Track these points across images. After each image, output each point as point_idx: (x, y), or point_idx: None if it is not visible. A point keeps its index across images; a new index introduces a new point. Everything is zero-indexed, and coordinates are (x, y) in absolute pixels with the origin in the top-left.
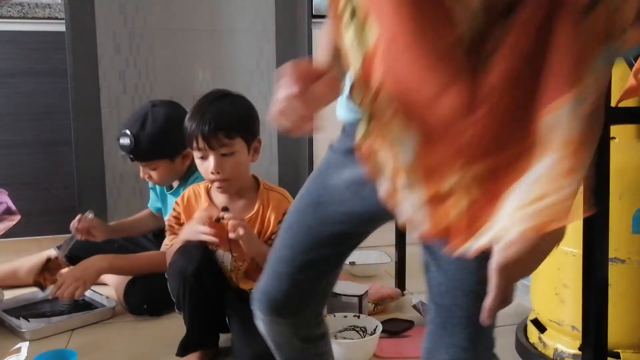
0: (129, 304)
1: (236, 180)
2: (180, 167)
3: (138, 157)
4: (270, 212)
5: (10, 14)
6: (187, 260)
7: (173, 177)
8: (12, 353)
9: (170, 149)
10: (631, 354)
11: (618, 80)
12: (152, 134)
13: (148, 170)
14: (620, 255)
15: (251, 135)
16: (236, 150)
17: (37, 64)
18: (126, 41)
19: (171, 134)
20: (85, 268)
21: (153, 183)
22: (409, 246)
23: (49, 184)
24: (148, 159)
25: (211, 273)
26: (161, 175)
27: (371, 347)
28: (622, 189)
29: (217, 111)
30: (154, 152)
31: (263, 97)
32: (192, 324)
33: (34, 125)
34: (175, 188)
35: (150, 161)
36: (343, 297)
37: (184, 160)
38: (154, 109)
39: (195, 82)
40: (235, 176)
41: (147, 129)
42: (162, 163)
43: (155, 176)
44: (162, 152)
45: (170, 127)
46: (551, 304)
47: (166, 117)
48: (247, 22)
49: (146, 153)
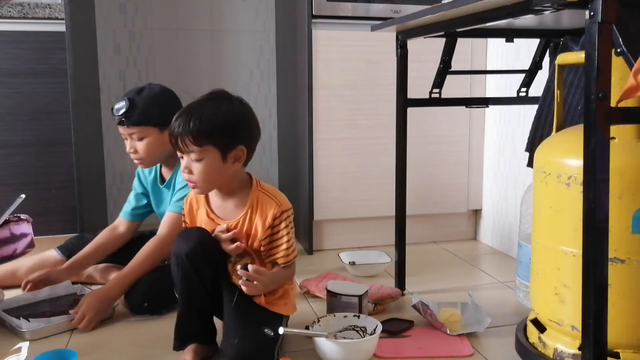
0: (130, 303)
1: (209, 184)
2: (167, 144)
3: (130, 120)
4: (258, 216)
5: (10, 14)
6: (185, 241)
7: (159, 154)
8: (13, 353)
9: (162, 117)
10: (631, 353)
11: (618, 80)
12: (147, 98)
13: (135, 143)
14: (620, 255)
15: (228, 144)
16: (205, 157)
17: (37, 64)
18: (126, 41)
19: (165, 103)
20: (103, 301)
21: (136, 160)
22: (409, 246)
23: (49, 184)
24: (139, 123)
25: (208, 259)
26: (148, 147)
27: (371, 347)
28: (622, 189)
29: (195, 115)
30: (145, 116)
31: (263, 97)
32: (183, 308)
33: (34, 125)
34: (168, 180)
35: (140, 126)
36: (343, 297)
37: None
38: (151, 85)
39: (195, 82)
40: (205, 181)
41: (142, 94)
42: (151, 132)
43: (141, 149)
44: (154, 118)
45: (165, 96)
46: (551, 304)
47: (163, 89)
48: (247, 22)
49: (138, 116)
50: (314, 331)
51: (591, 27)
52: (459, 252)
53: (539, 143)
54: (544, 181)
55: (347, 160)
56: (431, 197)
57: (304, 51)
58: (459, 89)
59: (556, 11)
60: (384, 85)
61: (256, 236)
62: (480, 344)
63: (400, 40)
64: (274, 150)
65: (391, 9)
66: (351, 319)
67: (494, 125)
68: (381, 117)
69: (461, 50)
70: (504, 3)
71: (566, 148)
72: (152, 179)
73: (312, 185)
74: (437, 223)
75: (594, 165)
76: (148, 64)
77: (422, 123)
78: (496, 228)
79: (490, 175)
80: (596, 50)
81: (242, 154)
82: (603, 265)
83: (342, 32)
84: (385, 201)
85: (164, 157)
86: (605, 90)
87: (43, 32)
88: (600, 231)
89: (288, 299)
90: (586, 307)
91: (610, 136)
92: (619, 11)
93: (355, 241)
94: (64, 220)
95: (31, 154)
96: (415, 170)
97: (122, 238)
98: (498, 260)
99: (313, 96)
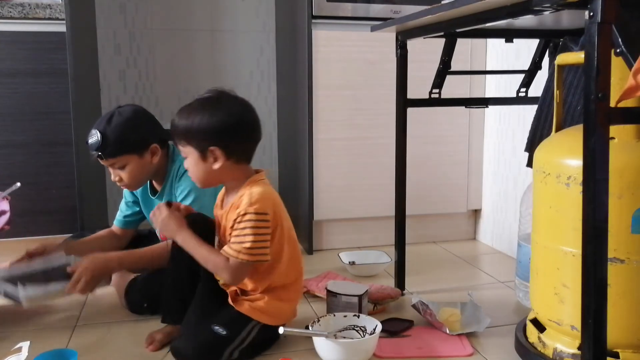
0: (130, 303)
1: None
2: (149, 165)
3: (106, 153)
4: (233, 212)
5: (11, 15)
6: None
7: (144, 176)
8: (13, 353)
9: (137, 143)
10: (630, 353)
11: (618, 80)
12: (118, 126)
13: (118, 172)
14: (620, 255)
15: (203, 145)
16: (188, 155)
17: (37, 64)
18: (126, 41)
19: (137, 126)
20: (100, 267)
21: (123, 186)
22: (409, 246)
23: (49, 184)
24: (116, 154)
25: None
26: (132, 173)
27: (371, 347)
28: (621, 189)
29: (177, 118)
30: (121, 146)
31: (263, 97)
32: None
33: (34, 125)
34: (160, 191)
35: (118, 156)
36: (343, 297)
37: (152, 156)
38: (120, 108)
39: (195, 82)
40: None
41: (112, 123)
42: (131, 159)
43: (125, 176)
44: (129, 146)
45: (136, 120)
46: (550, 304)
47: (133, 111)
48: (247, 22)
49: (114, 148)
50: (314, 331)
51: (591, 28)
52: (459, 252)
53: (539, 143)
54: (544, 181)
55: (347, 160)
56: (431, 197)
57: (304, 51)
58: (459, 89)
59: (556, 11)
60: (383, 85)
61: (226, 230)
62: (480, 344)
63: (400, 40)
64: (274, 150)
65: (391, 9)
66: (351, 318)
67: (494, 125)
68: (381, 117)
69: (461, 50)
70: (503, 3)
71: (566, 148)
72: (142, 190)
73: (312, 185)
74: (437, 223)
75: (593, 165)
76: (148, 64)
77: (422, 123)
78: (496, 228)
79: (489, 175)
80: (596, 50)
81: (219, 155)
82: (602, 265)
83: (342, 32)
84: (385, 201)
85: (150, 176)
86: (604, 90)
87: (43, 33)
88: (599, 231)
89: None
90: (586, 307)
91: (610, 136)
92: (618, 11)
93: (355, 241)
94: (64, 220)
95: (31, 154)
96: (415, 170)
97: (118, 242)
98: (498, 260)
99: (313, 96)
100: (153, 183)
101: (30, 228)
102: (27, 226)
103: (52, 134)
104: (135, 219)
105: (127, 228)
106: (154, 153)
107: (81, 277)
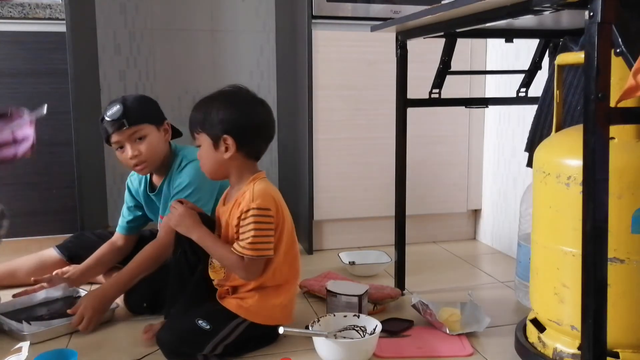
0: (129, 303)
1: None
2: (163, 143)
3: (130, 120)
4: (236, 209)
5: (11, 15)
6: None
7: (158, 155)
8: (13, 353)
9: (156, 113)
10: (630, 353)
11: (618, 80)
12: (136, 98)
13: (136, 145)
14: (620, 255)
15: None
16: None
17: (37, 65)
18: (126, 41)
19: (152, 101)
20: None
21: (140, 164)
22: (409, 246)
23: (49, 184)
24: (138, 121)
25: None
26: (150, 145)
27: (371, 347)
28: (621, 189)
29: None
30: (143, 113)
31: (263, 97)
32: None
33: (34, 125)
34: (158, 188)
35: (140, 124)
36: (343, 297)
37: (165, 134)
38: (125, 95)
39: (195, 82)
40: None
41: (129, 98)
42: (150, 130)
43: (144, 149)
44: (150, 114)
45: (148, 97)
46: (550, 304)
47: (140, 95)
48: (247, 22)
49: (136, 114)
50: (314, 331)
51: (591, 28)
52: (459, 252)
53: (539, 143)
54: (544, 181)
55: (347, 160)
56: (431, 197)
57: (304, 51)
58: (459, 89)
59: (556, 11)
60: (383, 85)
61: (229, 226)
62: (480, 344)
63: (400, 40)
64: (274, 150)
65: (391, 9)
66: (351, 318)
67: (494, 125)
68: (381, 117)
69: (461, 50)
70: (503, 3)
71: (566, 148)
72: (143, 189)
73: (312, 185)
74: (437, 223)
75: (593, 165)
76: (148, 64)
77: (422, 123)
78: (496, 228)
79: (489, 175)
80: (596, 50)
81: (231, 144)
82: (602, 265)
83: (342, 32)
84: (385, 201)
85: (162, 158)
86: (604, 90)
87: (43, 33)
88: (599, 231)
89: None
90: (586, 307)
91: (610, 136)
92: (618, 11)
93: (355, 241)
94: (64, 220)
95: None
96: (415, 170)
97: (122, 251)
98: (497, 260)
99: (313, 96)
100: (152, 180)
101: (30, 228)
102: (27, 226)
103: (52, 134)
104: (138, 223)
105: (131, 234)
106: (166, 131)
107: (83, 315)
